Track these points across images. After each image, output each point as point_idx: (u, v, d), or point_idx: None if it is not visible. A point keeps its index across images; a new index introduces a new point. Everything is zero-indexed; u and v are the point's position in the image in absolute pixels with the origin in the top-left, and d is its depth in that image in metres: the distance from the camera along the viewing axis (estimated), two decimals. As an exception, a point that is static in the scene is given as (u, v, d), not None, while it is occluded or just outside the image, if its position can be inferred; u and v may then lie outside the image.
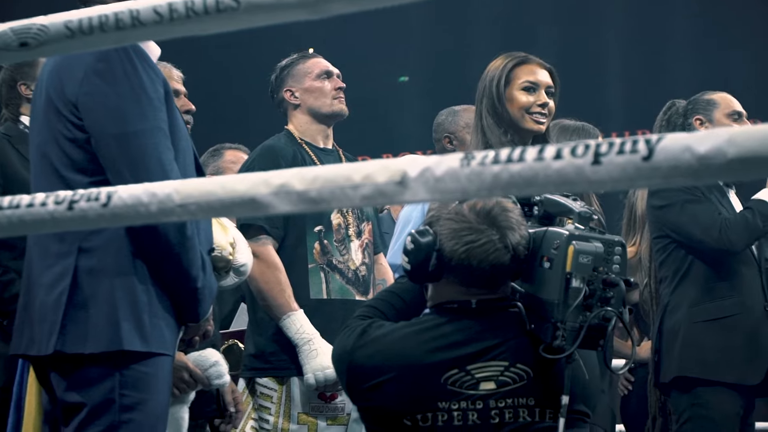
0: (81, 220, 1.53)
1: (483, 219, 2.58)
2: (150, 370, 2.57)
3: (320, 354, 3.73)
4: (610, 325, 2.60)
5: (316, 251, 3.91)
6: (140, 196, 1.49)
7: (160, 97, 2.61)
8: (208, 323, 2.77)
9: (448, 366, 2.58)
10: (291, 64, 4.12)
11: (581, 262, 2.57)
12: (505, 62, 3.57)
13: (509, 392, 2.58)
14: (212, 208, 1.47)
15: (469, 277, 2.61)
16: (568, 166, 1.28)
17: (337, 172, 1.41)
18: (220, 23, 1.44)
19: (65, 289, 2.53)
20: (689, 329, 4.02)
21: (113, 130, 2.56)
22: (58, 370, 2.57)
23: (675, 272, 4.10)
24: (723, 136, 1.22)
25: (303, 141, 4.02)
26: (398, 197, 1.37)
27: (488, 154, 1.33)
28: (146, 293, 2.57)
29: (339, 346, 2.70)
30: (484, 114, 3.53)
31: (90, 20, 1.48)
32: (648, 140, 1.26)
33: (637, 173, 1.26)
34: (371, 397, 2.62)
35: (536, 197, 2.76)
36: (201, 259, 2.63)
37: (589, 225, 2.66)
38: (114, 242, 2.55)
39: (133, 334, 2.53)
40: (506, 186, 1.32)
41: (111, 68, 2.57)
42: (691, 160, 1.23)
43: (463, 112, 4.54)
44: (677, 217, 4.08)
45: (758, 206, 4.03)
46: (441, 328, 2.62)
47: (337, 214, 3.97)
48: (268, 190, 1.42)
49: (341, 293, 3.92)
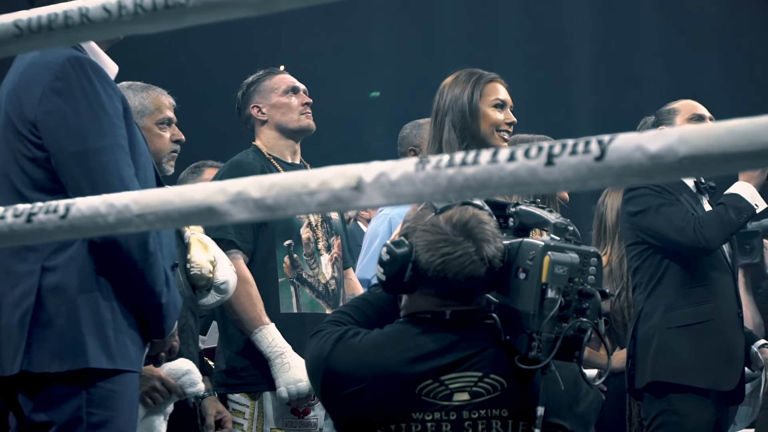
0: (40, 233, 1.53)
1: (459, 231, 2.57)
2: (117, 387, 2.56)
3: (293, 367, 3.73)
4: (586, 337, 2.59)
5: (285, 265, 3.92)
6: (98, 207, 1.49)
7: (118, 113, 2.61)
8: (173, 339, 2.77)
9: (422, 377, 2.57)
10: (257, 81, 4.14)
11: (557, 272, 2.56)
12: (475, 78, 3.59)
13: (482, 403, 2.58)
14: (170, 217, 1.47)
15: (444, 289, 2.60)
16: (521, 168, 1.29)
17: (293, 179, 1.41)
18: (169, 21, 1.43)
19: (29, 308, 2.52)
20: (663, 334, 4.03)
21: (73, 147, 2.55)
22: (24, 391, 2.56)
23: (650, 278, 4.11)
24: (674, 134, 1.23)
25: (271, 156, 4.04)
26: (354, 203, 1.37)
27: (443, 158, 1.34)
28: (110, 310, 2.56)
29: (314, 351, 2.68)
30: (447, 128, 3.53)
31: (39, 19, 1.48)
32: (600, 140, 1.27)
33: (589, 173, 1.26)
34: (346, 405, 2.62)
35: (511, 209, 2.76)
36: (165, 274, 2.62)
37: (564, 236, 2.66)
38: (77, 260, 2.54)
39: (99, 352, 2.53)
40: (461, 189, 1.32)
41: (69, 86, 2.57)
42: (642, 159, 1.24)
43: (427, 125, 4.53)
44: (652, 221, 4.08)
45: (730, 200, 4.04)
46: (416, 338, 2.61)
47: (307, 228, 3.98)
48: (225, 198, 1.43)
49: (311, 307, 3.92)
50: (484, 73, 3.61)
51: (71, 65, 2.58)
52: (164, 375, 3.17)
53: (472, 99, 3.54)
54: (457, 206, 2.60)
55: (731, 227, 4.02)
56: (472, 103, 3.53)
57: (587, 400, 2.72)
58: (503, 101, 3.59)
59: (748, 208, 4.05)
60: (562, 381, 2.62)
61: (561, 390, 2.62)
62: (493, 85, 3.60)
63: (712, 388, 4.01)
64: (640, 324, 4.11)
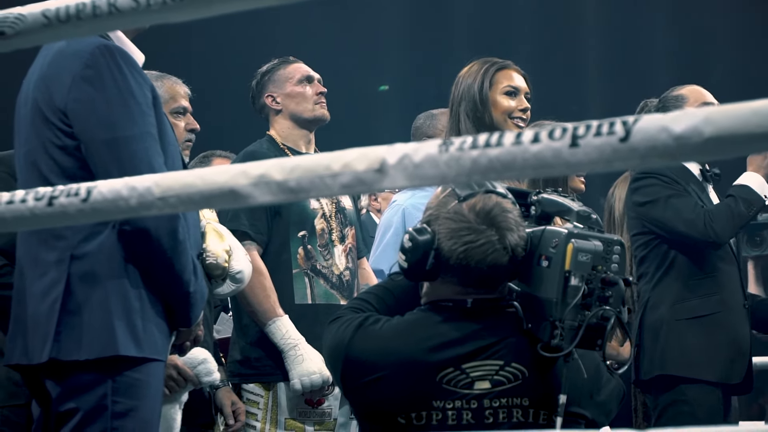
0: (61, 216, 1.53)
1: (482, 219, 2.56)
2: (142, 376, 2.56)
3: (306, 359, 3.73)
4: (609, 325, 2.57)
5: (300, 256, 3.92)
6: (120, 191, 1.49)
7: (148, 102, 2.60)
8: (198, 328, 2.77)
9: (443, 365, 2.56)
10: (272, 70, 4.13)
11: (580, 260, 2.54)
12: (486, 66, 3.59)
13: (504, 392, 2.56)
14: (192, 200, 1.47)
15: (466, 277, 2.59)
16: (545, 150, 1.29)
17: (316, 161, 1.41)
18: (197, 9, 1.44)
19: (58, 297, 2.51)
20: (672, 327, 4.00)
21: (103, 135, 2.55)
22: (53, 377, 2.56)
23: (657, 268, 4.08)
24: (699, 115, 1.23)
25: (285, 146, 4.03)
26: (377, 185, 1.37)
27: (466, 140, 1.34)
28: (139, 298, 2.55)
29: (335, 338, 2.67)
30: (462, 117, 3.54)
31: (67, 8, 1.48)
32: (625, 122, 1.26)
33: (614, 154, 1.26)
34: (365, 393, 2.61)
35: (533, 197, 2.75)
36: (192, 263, 2.63)
37: (587, 224, 2.65)
38: (106, 248, 2.54)
39: (128, 339, 2.52)
40: (485, 170, 1.32)
41: (99, 74, 2.57)
42: (667, 140, 1.23)
43: (441, 116, 4.53)
44: (662, 212, 4.05)
45: (740, 192, 4.01)
46: (438, 326, 2.60)
47: (321, 218, 3.97)
48: (248, 181, 1.43)
49: (326, 298, 3.92)
50: (497, 61, 3.61)
51: (101, 53, 2.58)
52: (180, 363, 3.17)
53: (482, 88, 3.54)
54: (481, 194, 2.58)
55: (741, 220, 4.00)
56: (482, 91, 3.54)
57: (608, 389, 2.71)
58: (516, 88, 3.59)
59: (758, 200, 4.02)
60: (585, 369, 2.61)
61: (583, 378, 2.61)
62: (505, 72, 3.60)
63: (722, 381, 3.99)
64: (647, 314, 4.07)
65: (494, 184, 2.61)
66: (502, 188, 2.63)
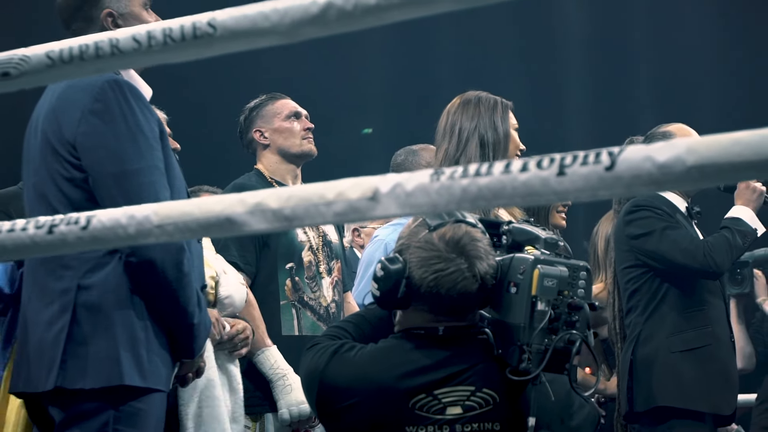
0: (61, 244, 1.56)
1: (452, 248, 2.61)
2: (144, 406, 2.59)
3: (294, 389, 3.75)
4: (575, 348, 2.63)
5: (287, 288, 3.95)
6: (119, 219, 1.53)
7: (155, 136, 2.65)
8: (201, 360, 2.80)
9: (416, 391, 2.61)
10: (260, 105, 4.18)
11: (546, 285, 2.61)
12: (500, 102, 3.63)
13: (475, 417, 2.61)
14: (189, 228, 1.51)
15: (437, 305, 2.64)
16: (534, 178, 1.33)
17: (310, 190, 1.45)
18: (198, 50, 1.48)
19: (65, 326, 2.55)
20: (667, 359, 4.03)
21: (111, 169, 2.59)
22: (57, 405, 2.59)
23: (649, 301, 4.10)
24: (682, 145, 1.27)
25: (273, 180, 4.08)
26: (371, 213, 1.41)
27: (457, 169, 1.38)
28: (144, 329, 2.59)
29: (311, 364, 2.72)
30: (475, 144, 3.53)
31: (71, 49, 1.52)
32: (611, 152, 1.31)
33: (600, 183, 1.30)
34: (340, 418, 2.65)
35: (504, 227, 2.81)
36: (197, 295, 2.66)
37: (554, 251, 2.71)
38: (113, 279, 2.58)
39: (133, 370, 2.56)
40: (474, 199, 1.36)
41: (108, 108, 2.61)
42: (651, 169, 1.28)
43: (422, 151, 4.56)
44: (657, 244, 4.08)
45: (734, 224, 4.07)
46: (410, 353, 2.65)
47: (308, 251, 4.01)
48: (244, 209, 1.46)
49: (313, 330, 3.95)
50: (502, 99, 3.67)
51: (110, 87, 2.62)
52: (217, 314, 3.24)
53: (504, 122, 3.59)
54: (451, 224, 2.64)
55: (738, 252, 4.06)
56: (503, 124, 3.58)
57: (581, 415, 2.76)
58: (516, 128, 3.66)
59: (752, 232, 4.09)
60: (554, 394, 2.65)
61: (553, 402, 2.66)
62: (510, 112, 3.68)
63: (714, 412, 4.03)
64: (638, 347, 4.09)
65: (464, 214, 2.67)
66: (472, 218, 2.70)
